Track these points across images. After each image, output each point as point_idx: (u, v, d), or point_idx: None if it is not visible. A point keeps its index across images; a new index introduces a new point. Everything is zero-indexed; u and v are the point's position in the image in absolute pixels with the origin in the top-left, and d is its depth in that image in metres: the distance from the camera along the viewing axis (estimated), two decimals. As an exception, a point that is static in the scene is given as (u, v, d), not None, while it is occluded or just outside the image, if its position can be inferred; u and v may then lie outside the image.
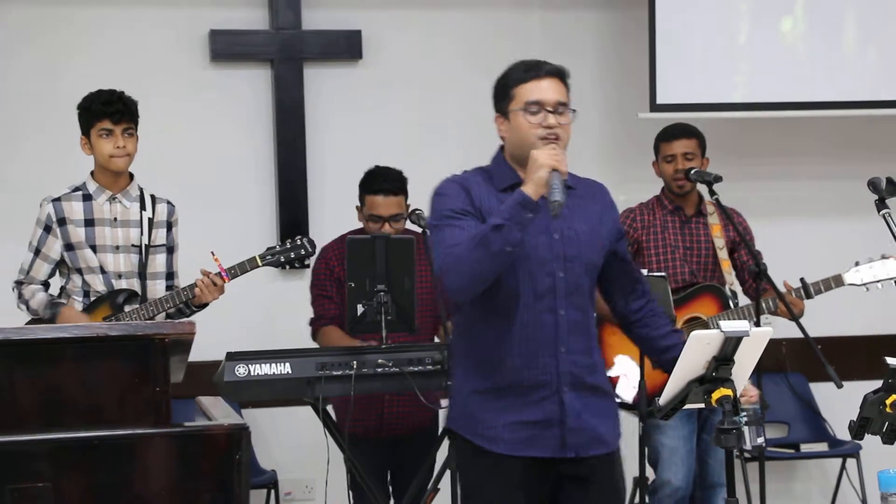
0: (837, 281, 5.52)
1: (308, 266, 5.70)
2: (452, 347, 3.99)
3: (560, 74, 3.84)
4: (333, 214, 6.26)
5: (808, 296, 5.47)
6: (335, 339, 5.36)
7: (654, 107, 6.33)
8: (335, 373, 4.85)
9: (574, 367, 3.78)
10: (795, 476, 6.90)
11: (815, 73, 6.51)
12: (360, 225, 5.58)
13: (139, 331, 3.44)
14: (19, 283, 5.15)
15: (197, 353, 3.77)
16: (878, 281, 5.53)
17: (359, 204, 5.54)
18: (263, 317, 6.30)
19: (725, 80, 6.48)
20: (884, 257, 5.52)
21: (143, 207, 5.14)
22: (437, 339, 5.45)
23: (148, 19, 6.37)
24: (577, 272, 3.80)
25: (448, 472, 4.80)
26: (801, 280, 5.50)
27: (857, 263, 5.53)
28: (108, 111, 5.00)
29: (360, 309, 4.92)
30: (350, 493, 5.40)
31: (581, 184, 3.92)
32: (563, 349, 3.77)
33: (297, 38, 6.40)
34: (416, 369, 4.89)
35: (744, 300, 5.67)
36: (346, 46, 6.46)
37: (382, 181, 5.45)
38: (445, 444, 4.86)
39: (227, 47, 6.37)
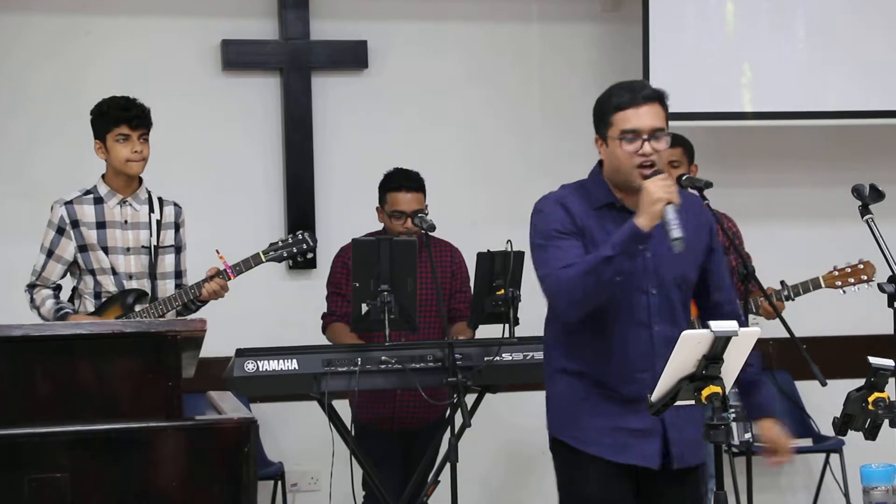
0: (815, 284, 5.62)
1: (311, 261, 5.72)
2: (548, 354, 4.01)
3: (658, 97, 3.83)
4: (340, 218, 6.34)
5: (788, 298, 5.57)
6: (342, 335, 5.45)
7: (648, 115, 6.43)
8: (340, 369, 4.94)
9: None
10: (781, 470, 6.88)
11: (802, 83, 6.56)
12: (368, 228, 5.65)
13: (152, 328, 3.47)
14: (32, 287, 5.16)
15: (208, 350, 3.81)
16: (854, 284, 5.63)
17: (379, 205, 5.62)
18: (272, 315, 6.33)
19: (715, 90, 6.53)
20: (860, 262, 5.63)
21: (151, 210, 5.18)
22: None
23: (163, 30, 6.43)
24: (668, 288, 3.84)
25: (448, 466, 4.85)
26: (782, 283, 5.59)
27: (834, 267, 5.63)
28: (126, 117, 5.04)
29: (364, 308, 5.00)
30: (362, 488, 5.50)
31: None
32: (660, 364, 3.67)
33: (306, 48, 6.46)
34: (418, 366, 4.99)
35: None
36: (352, 56, 6.51)
37: (404, 179, 5.57)
38: (446, 437, 4.98)
39: (239, 56, 6.43)
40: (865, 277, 5.64)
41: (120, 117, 5.05)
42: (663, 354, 3.74)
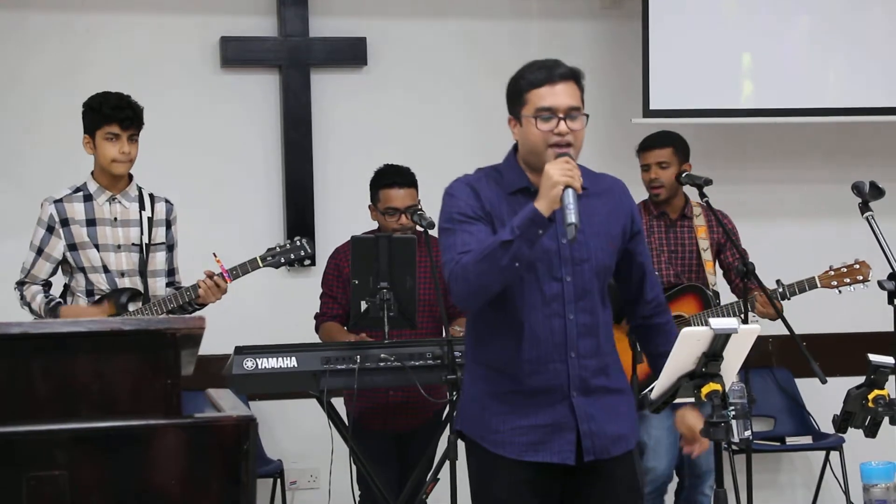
0: (811, 283, 5.63)
1: (308, 265, 5.74)
2: (465, 350, 3.89)
3: (574, 76, 3.68)
4: (339, 215, 6.36)
5: (784, 297, 5.57)
6: (334, 334, 5.45)
7: (647, 112, 6.40)
8: (339, 367, 4.93)
9: (584, 372, 3.67)
10: (781, 468, 6.94)
11: (804, 80, 6.57)
12: (367, 226, 5.65)
13: (151, 325, 3.44)
14: (21, 284, 5.14)
15: (207, 347, 3.79)
16: (850, 284, 5.63)
17: (371, 203, 5.60)
18: (270, 312, 6.35)
19: (715, 86, 6.53)
20: (856, 262, 5.64)
21: (142, 207, 5.15)
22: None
23: (162, 26, 6.44)
24: (585, 276, 3.68)
25: (448, 464, 4.81)
26: (778, 281, 5.59)
27: (830, 267, 5.64)
28: (118, 116, 5.00)
29: (363, 305, 5.00)
30: (357, 486, 5.50)
31: (596, 181, 3.77)
32: (573, 354, 3.66)
33: (305, 44, 6.47)
34: (417, 363, 4.98)
35: (730, 298, 5.75)
36: (351, 53, 6.53)
37: (396, 175, 5.54)
38: (446, 434, 4.98)
39: (238, 53, 6.45)
40: (861, 277, 5.65)
41: (111, 116, 5.01)
42: (577, 344, 3.68)
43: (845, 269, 5.68)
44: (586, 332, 3.70)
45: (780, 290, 5.58)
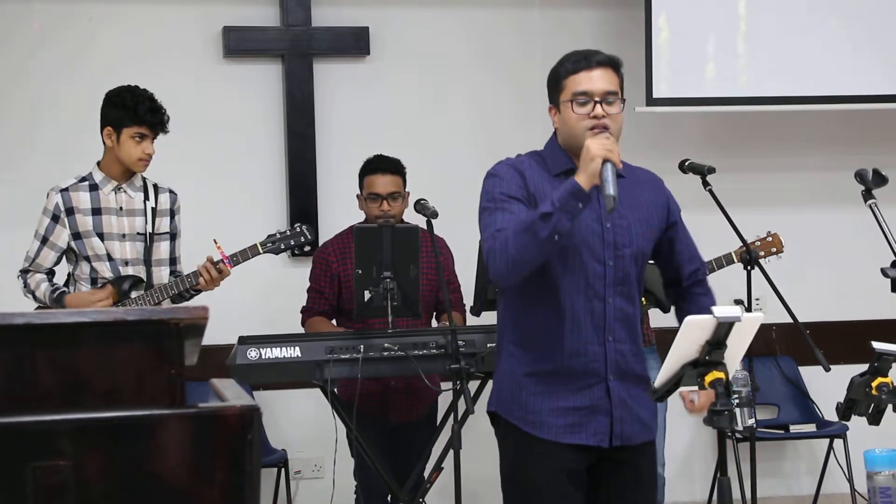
0: (728, 259, 5.70)
1: (313, 249, 5.76)
2: (499, 331, 3.92)
3: (611, 64, 3.74)
4: (342, 204, 6.33)
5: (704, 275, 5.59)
6: (320, 328, 5.44)
7: (651, 101, 6.40)
8: (343, 356, 4.94)
9: (619, 356, 3.74)
10: (785, 456, 6.95)
11: (805, 68, 6.56)
12: (362, 216, 5.65)
13: (155, 315, 3.43)
14: (25, 272, 5.17)
15: (210, 337, 3.81)
16: (764, 257, 5.66)
17: (359, 192, 5.62)
18: (274, 302, 6.34)
19: (718, 75, 6.53)
20: (769, 234, 5.72)
21: (146, 197, 5.18)
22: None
23: (164, 16, 6.44)
24: (626, 261, 3.74)
25: (451, 453, 4.85)
26: None
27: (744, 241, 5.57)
28: (151, 121, 5.04)
29: (367, 295, 5.00)
30: (354, 478, 5.51)
31: (632, 172, 3.83)
32: (611, 338, 3.73)
33: (308, 34, 6.48)
34: (420, 353, 4.99)
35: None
36: (354, 42, 6.54)
37: (379, 162, 5.57)
38: (449, 423, 4.97)
39: (240, 43, 6.46)
40: (775, 250, 5.72)
41: (146, 120, 5.05)
42: (614, 328, 3.74)
43: (759, 243, 5.72)
44: (623, 318, 3.77)
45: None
